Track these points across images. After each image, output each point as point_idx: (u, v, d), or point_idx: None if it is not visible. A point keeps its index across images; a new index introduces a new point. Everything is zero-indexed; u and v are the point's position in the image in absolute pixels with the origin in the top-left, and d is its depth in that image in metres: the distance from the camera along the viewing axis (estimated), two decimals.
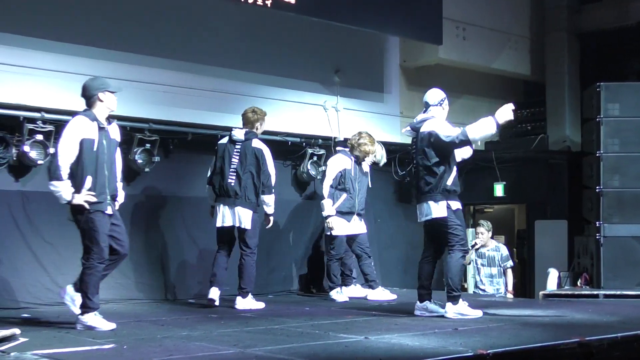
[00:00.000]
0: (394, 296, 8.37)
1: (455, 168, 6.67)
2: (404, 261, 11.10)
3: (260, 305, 7.52)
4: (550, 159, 11.68)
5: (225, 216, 7.59)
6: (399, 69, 10.96)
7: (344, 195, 8.26)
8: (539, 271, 10.93)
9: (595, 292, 9.08)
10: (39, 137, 7.60)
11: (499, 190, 11.82)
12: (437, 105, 6.80)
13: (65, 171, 5.81)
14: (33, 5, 7.61)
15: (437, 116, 6.74)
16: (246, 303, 7.47)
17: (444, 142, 6.51)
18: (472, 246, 9.80)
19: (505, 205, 12.82)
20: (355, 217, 8.38)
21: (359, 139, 8.42)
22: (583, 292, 9.18)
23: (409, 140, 9.89)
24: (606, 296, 8.89)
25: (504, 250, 9.74)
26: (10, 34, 7.41)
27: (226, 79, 8.96)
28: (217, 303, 7.49)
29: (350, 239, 8.43)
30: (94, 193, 5.87)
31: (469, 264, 9.87)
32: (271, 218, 7.82)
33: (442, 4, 10.02)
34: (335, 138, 9.66)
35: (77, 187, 5.86)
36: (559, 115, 11.72)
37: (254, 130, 7.72)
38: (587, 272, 9.64)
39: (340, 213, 8.27)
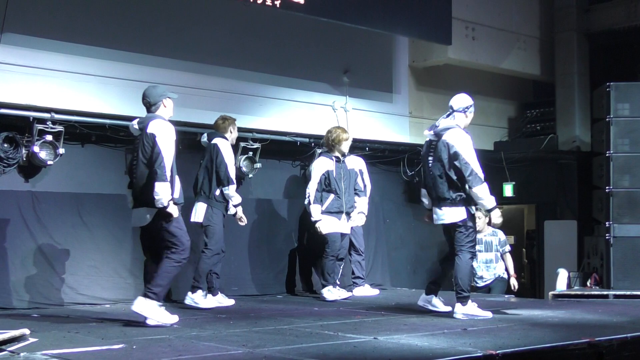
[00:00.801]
0: (349, 294, 8.29)
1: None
2: (413, 261, 11.08)
3: (211, 303, 7.44)
4: (560, 159, 11.64)
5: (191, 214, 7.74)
6: (407, 69, 10.95)
7: (331, 196, 8.23)
8: (548, 271, 10.89)
9: (605, 293, 9.04)
10: (49, 137, 7.62)
11: (508, 190, 11.78)
12: (461, 111, 6.77)
13: (169, 173, 5.97)
14: (43, 7, 7.63)
15: (460, 123, 6.73)
16: (194, 298, 7.45)
17: (461, 163, 6.54)
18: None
19: (515, 206, 12.77)
20: (343, 216, 8.34)
21: (331, 136, 8.32)
22: (593, 293, 9.14)
23: (417, 141, 9.95)
24: (616, 296, 8.85)
25: (502, 235, 9.58)
26: (20, 34, 7.44)
27: (235, 79, 8.97)
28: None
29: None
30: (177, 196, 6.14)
31: None
32: (238, 211, 7.78)
33: (452, 4, 10.00)
34: None
35: (171, 189, 6.04)
36: (569, 115, 11.68)
37: (226, 134, 7.83)
38: (596, 273, 9.60)
39: (329, 213, 8.25)
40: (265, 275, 9.23)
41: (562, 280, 9.70)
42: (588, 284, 9.62)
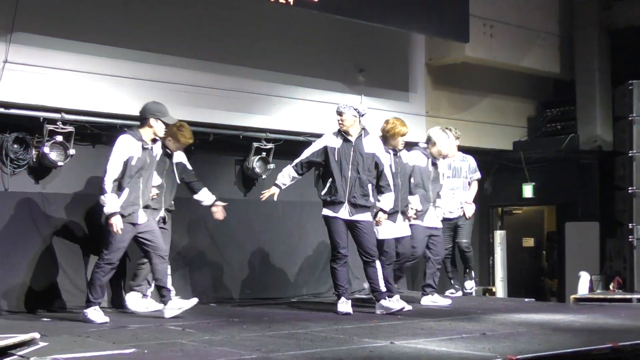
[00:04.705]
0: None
1: (329, 180, 7.20)
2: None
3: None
4: (581, 159, 11.57)
5: None
6: (424, 67, 10.89)
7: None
8: (569, 275, 10.83)
9: (628, 296, 8.99)
10: (59, 138, 7.66)
11: (527, 191, 11.73)
12: None
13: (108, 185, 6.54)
14: (53, 5, 7.65)
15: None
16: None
17: None
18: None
19: (535, 207, 12.72)
20: (399, 216, 7.80)
21: (386, 127, 7.95)
22: (616, 296, 9.09)
23: None
24: None
25: (473, 162, 9.32)
26: (30, 33, 7.45)
27: (248, 78, 8.95)
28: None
29: None
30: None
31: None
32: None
33: (469, 1, 9.95)
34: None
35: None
36: (590, 113, 11.59)
37: None
38: (619, 276, 9.55)
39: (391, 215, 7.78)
40: (280, 278, 9.23)
41: (584, 283, 9.66)
42: (611, 287, 9.56)
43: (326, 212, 7.24)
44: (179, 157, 7.66)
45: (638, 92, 9.35)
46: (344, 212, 7.18)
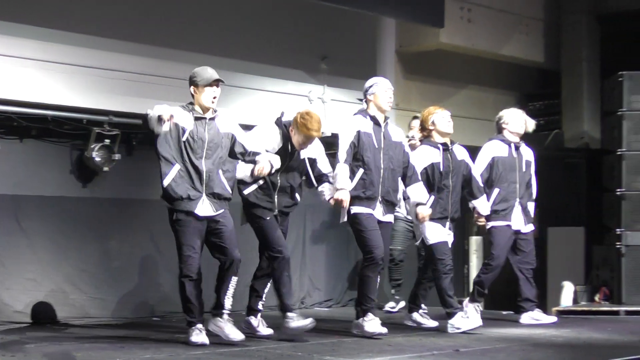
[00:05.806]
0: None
1: (359, 171, 6.78)
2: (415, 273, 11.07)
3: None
4: (566, 158, 11.68)
5: None
6: (394, 55, 10.94)
7: (431, 198, 7.38)
8: (552, 285, 10.93)
9: (615, 309, 9.10)
10: None
11: None
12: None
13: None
14: None
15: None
16: None
17: None
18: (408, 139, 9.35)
19: None
20: (448, 223, 7.50)
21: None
22: (602, 309, 9.20)
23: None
24: (628, 313, 8.91)
25: None
26: None
27: (196, 65, 8.86)
28: None
29: None
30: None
31: None
32: None
33: None
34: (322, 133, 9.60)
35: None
36: (577, 107, 11.73)
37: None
38: (606, 286, 9.66)
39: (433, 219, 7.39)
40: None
41: (567, 294, 9.77)
42: (596, 298, 9.68)
43: (360, 209, 6.72)
44: (313, 152, 7.08)
45: (629, 85, 9.46)
46: (378, 211, 6.79)
